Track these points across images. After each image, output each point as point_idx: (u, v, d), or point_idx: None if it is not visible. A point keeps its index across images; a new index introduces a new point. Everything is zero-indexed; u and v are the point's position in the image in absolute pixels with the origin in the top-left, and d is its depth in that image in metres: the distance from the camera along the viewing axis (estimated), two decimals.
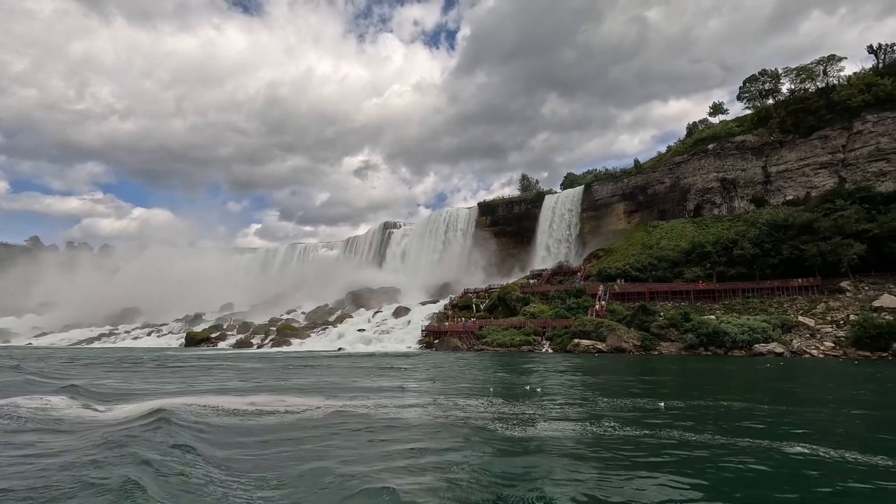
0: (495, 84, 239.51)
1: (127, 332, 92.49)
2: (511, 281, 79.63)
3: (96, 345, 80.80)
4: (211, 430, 11.61)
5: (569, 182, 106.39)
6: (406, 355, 46.39)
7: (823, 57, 71.17)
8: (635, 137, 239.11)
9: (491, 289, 75.57)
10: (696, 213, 74.14)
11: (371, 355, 46.15)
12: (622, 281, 62.66)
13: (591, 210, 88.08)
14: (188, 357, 45.24)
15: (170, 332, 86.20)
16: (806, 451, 9.93)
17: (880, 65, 67.42)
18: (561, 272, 76.89)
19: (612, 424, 12.67)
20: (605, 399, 17.36)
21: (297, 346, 60.62)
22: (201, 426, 11.91)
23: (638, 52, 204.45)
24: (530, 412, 14.60)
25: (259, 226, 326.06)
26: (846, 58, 70.18)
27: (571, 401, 17.05)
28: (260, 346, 62.29)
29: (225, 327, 79.31)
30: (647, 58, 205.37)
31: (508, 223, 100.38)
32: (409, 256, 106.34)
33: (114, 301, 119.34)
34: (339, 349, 55.38)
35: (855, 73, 67.95)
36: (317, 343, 61.09)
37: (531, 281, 77.07)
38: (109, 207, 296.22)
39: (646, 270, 63.07)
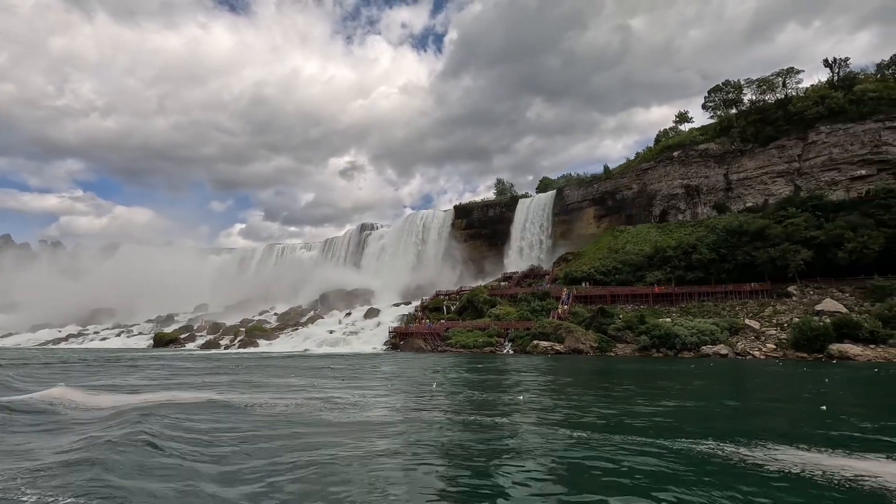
0: (481, 88, 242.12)
1: (96, 332, 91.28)
2: (484, 283, 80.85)
3: (63, 346, 79.68)
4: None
5: (543, 186, 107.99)
6: (368, 356, 47.03)
7: (783, 69, 73.90)
8: (619, 142, 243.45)
9: (462, 291, 76.58)
10: (661, 218, 76.16)
11: (332, 356, 46.69)
12: (587, 284, 64.19)
13: (563, 214, 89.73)
14: (142, 357, 45.36)
15: (140, 333, 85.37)
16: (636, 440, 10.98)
17: (835, 78, 70.19)
18: (532, 275, 78.36)
19: (452, 413, 14.21)
20: (482, 392, 19.10)
21: (264, 347, 60.79)
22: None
23: (621, 60, 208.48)
24: (391, 404, 16.32)
25: (243, 226, 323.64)
26: (804, 70, 73.08)
27: (452, 395, 18.37)
28: (227, 348, 62.26)
29: (195, 328, 78.94)
30: (631, 65, 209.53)
31: (483, 226, 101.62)
32: (385, 258, 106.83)
33: (85, 301, 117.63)
34: (305, 350, 55.77)
35: (812, 86, 70.72)
36: (284, 344, 61.32)
37: (502, 283, 78.36)
38: (89, 206, 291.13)
39: (610, 274, 64.70)
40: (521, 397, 17.47)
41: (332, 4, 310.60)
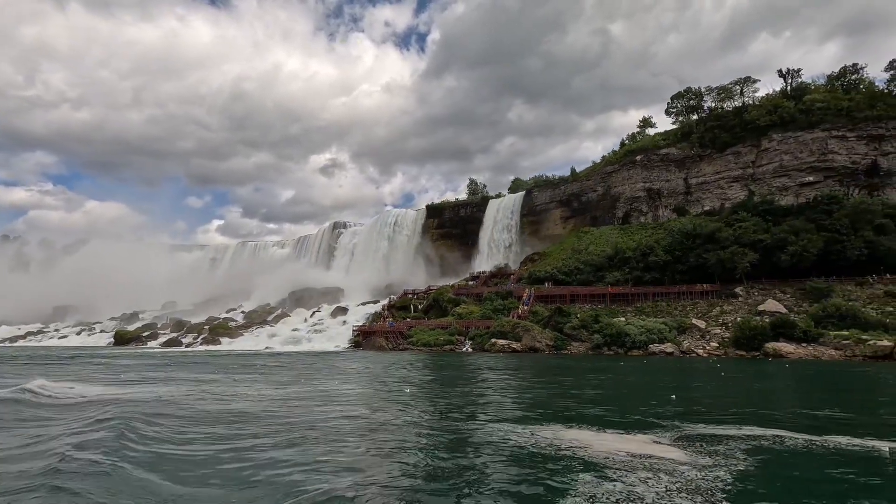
0: (463, 88, 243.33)
1: (56, 330, 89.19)
2: (454, 282, 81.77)
3: (20, 343, 77.73)
4: None
5: (515, 187, 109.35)
6: (326, 354, 47.41)
7: (741, 78, 76.67)
8: (598, 144, 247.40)
9: (430, 290, 77.27)
10: (624, 220, 78.21)
11: (291, 354, 46.94)
12: (549, 284, 65.60)
13: (531, 215, 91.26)
14: (93, 355, 45.07)
15: (102, 331, 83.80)
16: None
17: (788, 88, 73.16)
18: (499, 275, 79.56)
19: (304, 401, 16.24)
20: (378, 386, 21.03)
21: (226, 345, 60.49)
22: None
23: (600, 63, 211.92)
24: (270, 394, 18.23)
25: (221, 222, 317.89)
26: (760, 80, 75.94)
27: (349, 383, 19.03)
28: (190, 346, 61.78)
29: (159, 326, 77.86)
30: (609, 69, 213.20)
31: (454, 226, 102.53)
32: (356, 257, 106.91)
33: (48, 298, 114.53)
34: (266, 348, 55.77)
35: (766, 95, 73.56)
36: (247, 343, 61.12)
37: (470, 283, 79.39)
38: (59, 199, 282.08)
39: (571, 274, 66.24)
40: (408, 390, 18.80)
41: (315, 1, 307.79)
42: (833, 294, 47.09)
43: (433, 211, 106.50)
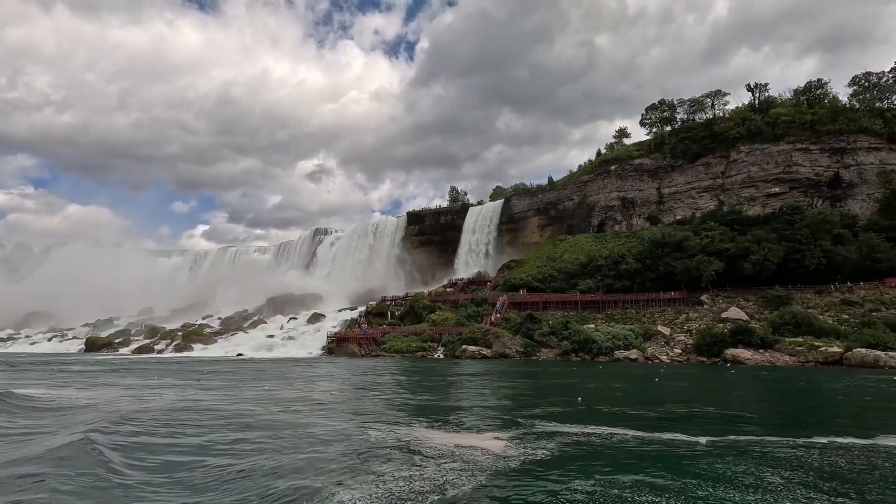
0: (451, 96, 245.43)
1: (28, 336, 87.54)
2: (432, 289, 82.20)
3: None
4: None
5: (496, 195, 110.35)
6: (298, 361, 47.41)
7: (712, 91, 78.74)
8: (585, 153, 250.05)
9: (407, 297, 77.53)
10: (599, 228, 79.45)
11: (263, 361, 46.86)
12: (524, 291, 66.33)
13: (510, 223, 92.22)
14: (49, 362, 45.12)
15: (74, 338, 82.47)
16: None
17: (756, 102, 75.35)
18: (476, 282, 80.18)
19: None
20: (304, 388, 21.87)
21: (198, 351, 60.08)
22: None
23: (586, 74, 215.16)
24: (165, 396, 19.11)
25: (206, 227, 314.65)
26: (729, 93, 78.11)
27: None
28: (161, 352, 61.20)
29: (132, 333, 76.94)
30: (595, 80, 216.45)
31: (435, 233, 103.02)
32: (337, 263, 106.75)
33: (21, 304, 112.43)
34: (238, 355, 55.54)
35: (736, 108, 75.67)
36: (220, 349, 60.75)
37: (448, 290, 79.90)
38: (40, 203, 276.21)
39: (546, 281, 67.07)
40: (332, 394, 20.15)
41: (304, 8, 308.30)
42: (793, 302, 48.48)
43: (414, 218, 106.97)
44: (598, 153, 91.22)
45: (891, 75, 71.43)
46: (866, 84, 72.33)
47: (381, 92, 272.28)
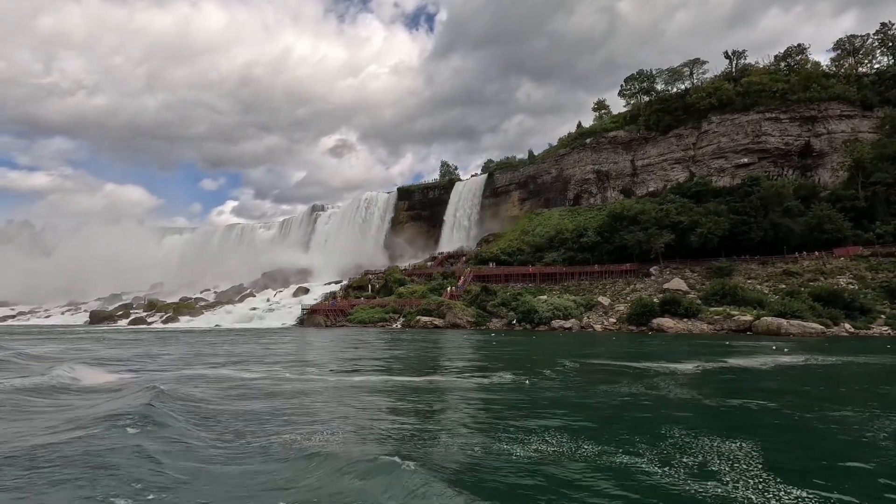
0: (470, 68, 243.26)
1: (45, 310, 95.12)
2: (417, 262, 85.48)
3: (8, 322, 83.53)
4: None
5: (486, 168, 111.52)
6: (267, 331, 51.38)
7: (690, 60, 77.39)
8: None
9: (387, 270, 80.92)
10: (575, 201, 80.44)
11: (233, 331, 51.03)
12: (493, 264, 68.66)
13: (493, 197, 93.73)
14: (41, 332, 49.71)
15: (85, 311, 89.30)
16: None
17: (733, 70, 73.88)
18: (456, 255, 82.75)
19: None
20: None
21: (184, 323, 65.04)
22: None
23: (606, 42, 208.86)
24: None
25: (236, 203, 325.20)
26: (708, 62, 76.61)
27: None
28: (152, 324, 66.56)
29: (134, 306, 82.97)
30: (615, 47, 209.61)
31: (423, 207, 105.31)
32: (330, 238, 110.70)
33: (48, 280, 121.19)
34: (216, 326, 60.14)
35: (711, 78, 74.39)
36: (203, 321, 65.64)
37: (429, 263, 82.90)
38: (79, 183, 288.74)
39: (514, 255, 69.20)
40: (237, 351, 22.55)
41: None
42: (735, 273, 49.62)
43: (404, 193, 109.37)
44: (579, 125, 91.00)
45: (876, 38, 69.10)
46: (850, 48, 70.19)
47: (399, 66, 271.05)
